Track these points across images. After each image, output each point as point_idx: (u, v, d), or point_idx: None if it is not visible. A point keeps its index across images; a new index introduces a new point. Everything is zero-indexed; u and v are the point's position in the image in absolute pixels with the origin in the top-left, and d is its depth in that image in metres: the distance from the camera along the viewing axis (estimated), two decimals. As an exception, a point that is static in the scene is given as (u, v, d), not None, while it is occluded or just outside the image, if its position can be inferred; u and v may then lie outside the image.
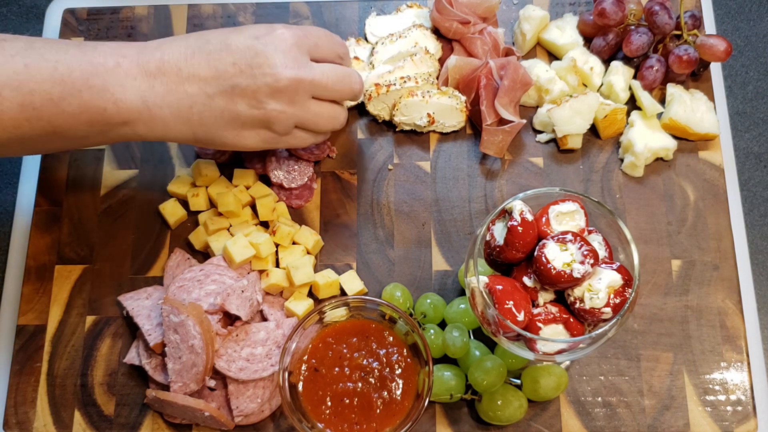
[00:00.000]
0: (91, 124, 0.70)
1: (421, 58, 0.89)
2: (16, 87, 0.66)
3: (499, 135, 0.87)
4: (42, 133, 0.69)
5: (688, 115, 0.87)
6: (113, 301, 0.86)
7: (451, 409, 0.80)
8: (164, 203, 0.88)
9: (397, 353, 0.75)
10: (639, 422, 0.79)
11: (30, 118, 0.67)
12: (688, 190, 0.87)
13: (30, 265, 0.87)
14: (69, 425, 0.81)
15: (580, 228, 0.69)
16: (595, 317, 0.64)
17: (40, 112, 0.67)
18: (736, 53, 1.95)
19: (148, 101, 0.70)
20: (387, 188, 0.89)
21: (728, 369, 0.81)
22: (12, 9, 2.12)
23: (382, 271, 0.86)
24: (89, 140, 0.73)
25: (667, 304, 0.83)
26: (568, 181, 0.88)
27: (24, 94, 0.66)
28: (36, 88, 0.67)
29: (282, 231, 0.84)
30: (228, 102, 0.71)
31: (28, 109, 0.67)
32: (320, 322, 0.77)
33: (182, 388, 0.77)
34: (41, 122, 0.68)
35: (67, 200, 0.90)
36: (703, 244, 0.85)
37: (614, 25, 0.89)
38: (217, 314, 0.80)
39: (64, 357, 0.84)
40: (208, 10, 0.98)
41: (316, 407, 0.74)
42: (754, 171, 1.87)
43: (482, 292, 0.65)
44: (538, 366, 0.78)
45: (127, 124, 0.71)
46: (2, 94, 0.66)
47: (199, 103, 0.71)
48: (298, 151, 0.88)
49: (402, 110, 0.88)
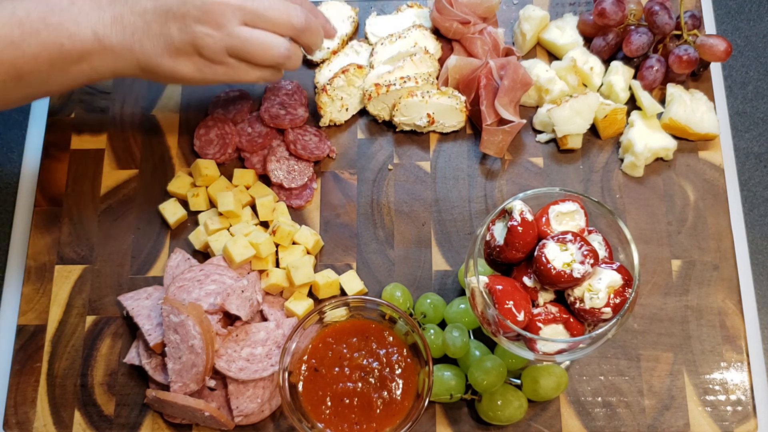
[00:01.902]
0: (51, 63, 0.73)
1: (421, 58, 0.89)
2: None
3: (499, 135, 0.87)
4: (5, 78, 0.72)
5: (688, 115, 0.87)
6: (113, 301, 0.86)
7: (451, 409, 0.80)
8: (164, 203, 0.88)
9: (397, 353, 0.75)
10: (639, 422, 0.79)
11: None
12: (688, 190, 0.87)
13: (30, 265, 0.87)
14: (69, 425, 0.81)
15: (580, 228, 0.69)
16: (595, 317, 0.64)
17: (2, 56, 0.70)
18: (736, 53, 1.95)
19: (98, 33, 0.73)
20: (387, 188, 0.89)
21: (728, 369, 0.81)
22: (12, 9, 2.12)
23: (382, 271, 0.86)
24: (52, 83, 0.75)
25: (667, 304, 0.83)
26: (568, 181, 0.88)
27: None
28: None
29: (282, 231, 0.84)
30: (162, 27, 0.74)
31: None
32: (320, 322, 0.77)
33: (182, 388, 0.77)
34: (4, 66, 0.71)
35: (67, 200, 0.90)
36: (703, 244, 0.85)
37: (614, 25, 0.89)
38: (217, 314, 0.80)
39: (64, 357, 0.84)
40: (208, 10, 0.98)
41: (316, 407, 0.74)
42: (754, 171, 1.87)
43: (482, 292, 0.65)
44: (538, 366, 0.78)
45: (83, 59, 0.74)
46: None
47: (140, 30, 0.74)
48: (298, 150, 0.88)
49: (402, 110, 0.88)
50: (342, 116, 0.91)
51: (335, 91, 0.89)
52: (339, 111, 0.90)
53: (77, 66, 0.74)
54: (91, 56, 0.74)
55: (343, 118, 0.91)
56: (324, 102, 0.89)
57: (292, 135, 0.89)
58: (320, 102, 0.89)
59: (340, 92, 0.89)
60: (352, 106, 0.91)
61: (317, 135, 0.91)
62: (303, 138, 0.89)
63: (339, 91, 0.89)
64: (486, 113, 0.87)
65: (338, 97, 0.89)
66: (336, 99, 0.89)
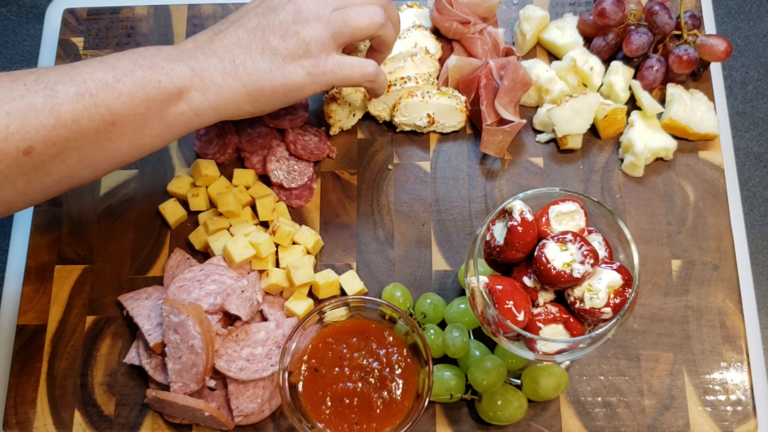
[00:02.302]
0: (148, 102, 0.70)
1: (421, 58, 0.89)
2: (70, 80, 0.67)
3: (499, 135, 0.87)
4: (101, 125, 0.68)
5: (688, 115, 0.87)
6: (113, 301, 0.86)
7: (451, 409, 0.80)
8: (164, 203, 0.88)
9: (397, 353, 0.75)
10: (639, 422, 0.79)
11: (89, 107, 0.67)
12: (688, 190, 0.87)
13: (30, 265, 0.87)
14: (69, 425, 0.81)
15: (580, 228, 0.69)
16: (595, 317, 0.64)
17: (97, 99, 0.68)
18: (736, 53, 1.95)
19: (194, 67, 0.72)
20: (387, 188, 0.89)
21: (728, 369, 0.81)
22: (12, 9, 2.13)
23: (382, 271, 0.86)
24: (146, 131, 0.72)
25: (667, 304, 0.83)
26: (568, 181, 0.88)
27: (78, 84, 0.67)
28: (89, 77, 0.68)
29: (282, 231, 0.84)
30: (263, 44, 0.74)
31: (86, 97, 0.67)
32: (320, 322, 0.77)
33: (182, 388, 0.77)
34: (99, 109, 0.68)
35: (67, 200, 0.90)
36: (703, 244, 0.85)
37: (614, 25, 0.89)
38: (217, 314, 0.80)
39: (64, 357, 0.84)
40: (208, 10, 0.98)
41: (316, 407, 0.74)
42: (754, 171, 1.87)
43: (482, 292, 0.65)
44: (538, 366, 0.78)
45: (183, 96, 0.72)
46: (57, 88, 0.66)
47: (240, 56, 0.73)
48: (298, 150, 0.88)
49: (402, 111, 0.88)
50: (350, 122, 0.91)
51: (344, 98, 0.89)
52: (348, 117, 0.90)
53: (175, 106, 0.72)
54: (190, 92, 0.72)
55: (350, 124, 0.91)
56: (333, 110, 0.89)
57: (292, 135, 0.89)
58: (330, 111, 0.89)
59: (348, 98, 0.89)
60: (358, 110, 0.91)
61: (317, 135, 0.91)
62: (303, 138, 0.89)
63: (347, 97, 0.89)
64: (486, 113, 0.87)
65: (346, 103, 0.89)
66: (344, 106, 0.89)
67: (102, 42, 0.97)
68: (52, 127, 0.66)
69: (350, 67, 0.76)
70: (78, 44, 0.97)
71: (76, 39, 0.97)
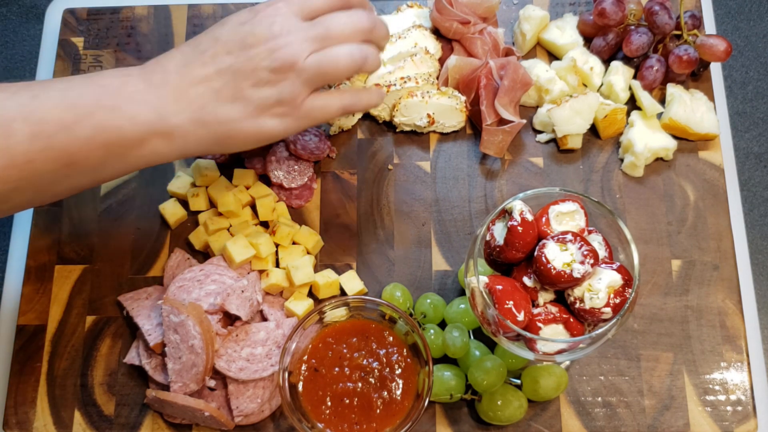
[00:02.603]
0: (107, 147, 0.67)
1: (421, 58, 0.89)
2: (25, 118, 0.64)
3: (499, 135, 0.87)
4: (56, 166, 0.66)
5: (688, 115, 0.87)
6: (113, 301, 0.86)
7: (451, 409, 0.80)
8: (164, 203, 0.88)
9: (397, 353, 0.75)
10: (639, 422, 0.79)
11: (44, 149, 0.64)
12: (688, 190, 0.87)
13: (30, 265, 0.87)
14: (69, 425, 0.81)
15: (580, 228, 0.69)
16: (595, 317, 0.64)
17: (53, 141, 0.64)
18: (736, 53, 1.95)
19: (160, 111, 0.68)
20: (387, 188, 0.89)
21: (728, 369, 0.81)
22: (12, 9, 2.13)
23: (382, 271, 0.86)
24: (105, 170, 0.70)
25: (667, 304, 0.83)
26: (568, 181, 0.88)
27: (33, 123, 0.64)
28: (46, 117, 0.64)
29: (282, 231, 0.84)
30: (235, 89, 0.69)
31: (41, 138, 0.64)
32: (320, 322, 0.77)
33: (182, 388, 0.77)
34: (54, 152, 0.65)
35: (67, 200, 0.90)
36: (703, 244, 0.85)
37: (614, 25, 0.89)
38: (217, 314, 0.80)
39: (64, 357, 0.84)
40: (208, 10, 0.98)
41: (316, 407, 0.74)
42: (754, 171, 1.87)
43: (482, 292, 0.65)
44: (538, 366, 0.78)
45: (145, 142, 0.69)
46: (12, 127, 0.63)
47: (210, 100, 0.69)
48: (298, 150, 0.88)
49: (402, 111, 0.88)
50: (350, 122, 0.91)
51: None
52: (347, 117, 0.90)
53: (137, 151, 0.68)
54: (154, 138, 0.68)
55: (350, 124, 0.91)
56: None
57: (292, 135, 0.89)
58: None
59: None
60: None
61: (317, 135, 0.90)
62: (303, 138, 0.89)
63: None
64: (486, 113, 0.87)
65: None
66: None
67: (102, 42, 0.97)
68: (4, 167, 0.63)
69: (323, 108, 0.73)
70: (78, 44, 0.97)
71: (76, 39, 0.97)
